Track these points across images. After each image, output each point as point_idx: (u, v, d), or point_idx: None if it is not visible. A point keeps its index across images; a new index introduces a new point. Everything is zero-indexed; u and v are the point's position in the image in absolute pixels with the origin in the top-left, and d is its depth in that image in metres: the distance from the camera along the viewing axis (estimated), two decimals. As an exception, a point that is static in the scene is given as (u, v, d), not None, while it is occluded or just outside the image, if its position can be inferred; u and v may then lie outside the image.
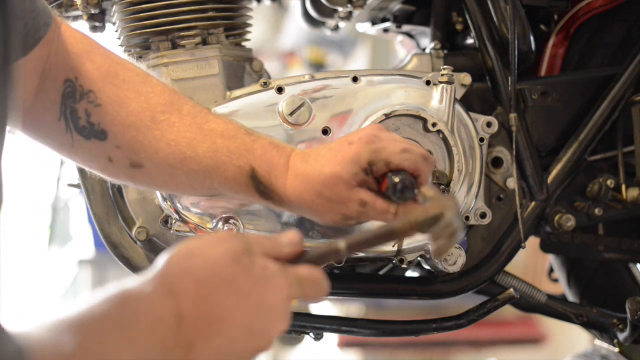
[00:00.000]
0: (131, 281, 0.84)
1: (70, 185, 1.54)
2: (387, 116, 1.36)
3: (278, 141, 1.19)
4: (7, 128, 0.73)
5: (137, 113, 1.16)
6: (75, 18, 1.51)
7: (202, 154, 1.15)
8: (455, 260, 1.36)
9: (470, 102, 1.47)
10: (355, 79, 1.39)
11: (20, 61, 1.09)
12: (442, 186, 1.36)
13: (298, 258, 0.91)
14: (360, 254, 1.37)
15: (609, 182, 1.50)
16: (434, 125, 1.36)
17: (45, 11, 1.11)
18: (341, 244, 0.91)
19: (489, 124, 1.43)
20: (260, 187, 1.15)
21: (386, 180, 1.10)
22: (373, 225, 0.98)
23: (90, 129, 1.15)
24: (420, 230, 0.92)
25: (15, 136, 1.20)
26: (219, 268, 0.85)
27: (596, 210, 1.52)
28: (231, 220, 1.33)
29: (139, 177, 1.19)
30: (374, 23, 1.75)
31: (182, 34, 1.42)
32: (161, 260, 0.87)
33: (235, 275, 0.85)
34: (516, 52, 1.45)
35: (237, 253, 0.87)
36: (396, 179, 1.08)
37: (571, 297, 1.71)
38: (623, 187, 1.51)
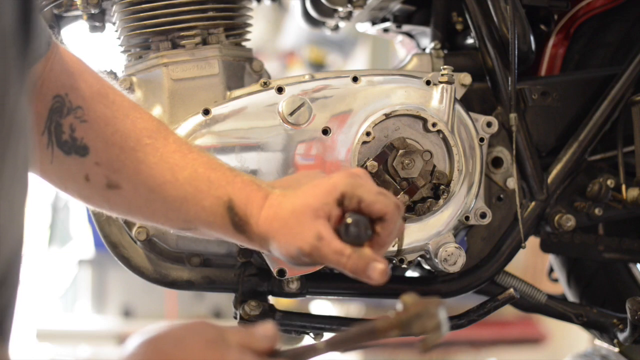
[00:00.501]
0: None
1: (70, 185, 1.53)
2: (387, 116, 1.36)
3: (261, 181, 1.17)
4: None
5: (122, 133, 1.15)
6: (75, 18, 1.51)
7: (182, 180, 1.14)
8: (455, 260, 1.36)
9: (470, 102, 1.47)
10: (355, 79, 1.39)
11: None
12: (442, 186, 1.37)
13: (275, 354, 0.88)
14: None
15: (609, 182, 1.50)
16: (434, 125, 1.36)
17: (46, 30, 1.11)
18: (320, 344, 0.90)
19: (489, 124, 1.43)
20: (235, 218, 1.12)
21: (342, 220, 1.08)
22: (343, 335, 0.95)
23: (72, 144, 1.14)
24: (402, 329, 0.91)
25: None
26: (192, 354, 0.82)
27: (596, 210, 1.52)
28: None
29: (114, 199, 1.17)
30: (374, 23, 1.75)
31: (182, 34, 1.42)
32: (131, 344, 0.83)
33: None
34: (516, 52, 1.45)
35: (211, 341, 0.83)
36: (349, 220, 1.06)
37: (571, 297, 1.71)
38: (623, 187, 1.51)
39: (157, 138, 1.16)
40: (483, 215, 1.42)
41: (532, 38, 1.50)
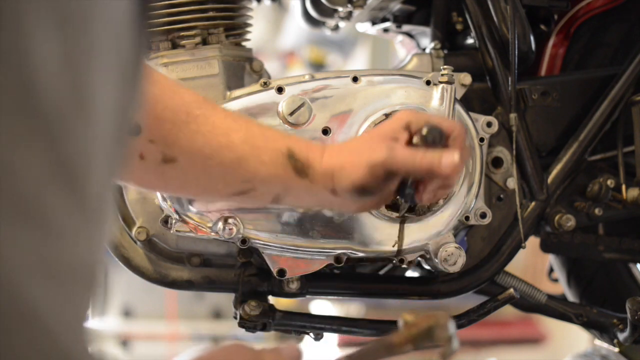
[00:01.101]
0: None
1: (70, 185, 1.53)
2: (387, 116, 1.36)
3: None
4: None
5: (172, 108, 1.16)
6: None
7: (238, 142, 1.16)
8: (455, 260, 1.36)
9: (470, 102, 1.47)
10: (355, 79, 1.39)
11: None
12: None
13: None
14: (361, 254, 1.37)
15: (609, 182, 1.50)
16: (434, 125, 1.36)
17: None
18: None
19: (489, 124, 1.43)
20: (297, 164, 1.15)
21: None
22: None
23: None
24: (416, 343, 0.92)
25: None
26: None
27: (596, 210, 1.52)
28: (231, 220, 1.33)
29: (170, 173, 1.18)
30: (374, 23, 1.75)
31: (182, 34, 1.42)
32: None
33: None
34: (516, 52, 1.45)
35: None
36: (425, 130, 1.11)
37: (571, 297, 1.71)
38: (623, 187, 1.51)
39: (206, 108, 1.18)
40: (483, 215, 1.42)
41: (532, 38, 1.50)
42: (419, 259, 1.40)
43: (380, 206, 1.28)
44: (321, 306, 3.54)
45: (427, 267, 1.46)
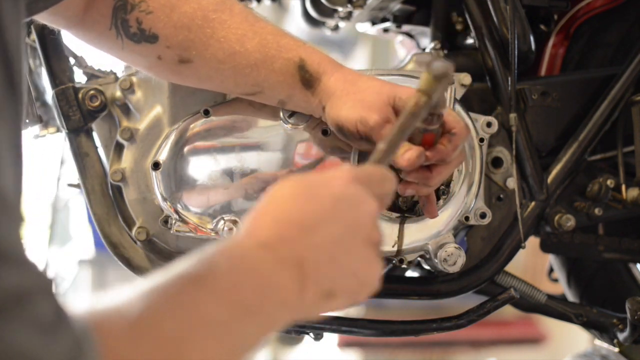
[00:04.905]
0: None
1: (70, 185, 1.53)
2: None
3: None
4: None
5: (188, 14, 1.18)
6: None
7: (252, 49, 1.19)
8: (455, 260, 1.36)
9: (470, 102, 1.47)
10: (355, 79, 1.39)
11: None
12: (442, 186, 1.36)
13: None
14: None
15: (609, 182, 1.50)
16: (434, 125, 1.36)
17: None
18: (380, 145, 0.88)
19: (489, 124, 1.43)
20: (306, 75, 1.19)
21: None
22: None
23: (142, 35, 1.19)
24: (427, 91, 0.89)
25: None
26: (337, 188, 0.80)
27: (596, 210, 1.52)
28: (231, 220, 1.33)
29: (185, 72, 1.22)
30: (374, 23, 1.75)
31: (182, 34, 1.42)
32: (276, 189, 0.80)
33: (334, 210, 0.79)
34: (516, 52, 1.44)
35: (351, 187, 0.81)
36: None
37: (571, 297, 1.71)
38: (623, 187, 1.51)
39: (223, 11, 1.20)
40: (483, 215, 1.42)
41: (532, 38, 1.50)
42: (418, 259, 1.40)
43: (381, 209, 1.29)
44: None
45: (427, 267, 1.46)
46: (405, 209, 1.36)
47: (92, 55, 1.38)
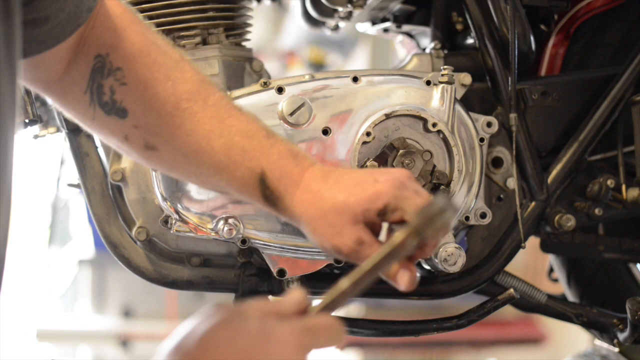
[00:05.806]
0: None
1: (70, 185, 1.54)
2: (388, 116, 1.36)
3: (299, 150, 1.16)
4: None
5: (161, 97, 1.14)
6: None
7: (217, 149, 1.14)
8: (455, 260, 1.36)
9: (470, 102, 1.47)
10: (355, 79, 1.39)
11: (54, 49, 1.09)
12: (442, 186, 1.36)
13: (305, 314, 0.87)
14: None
15: (609, 182, 1.50)
16: (434, 125, 1.36)
17: None
18: (344, 283, 0.88)
19: (489, 124, 1.43)
20: (267, 192, 1.13)
21: (385, 230, 1.07)
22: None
23: (112, 106, 1.15)
24: (418, 235, 0.90)
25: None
26: (211, 338, 0.80)
27: (596, 210, 1.52)
28: (231, 220, 1.33)
29: (152, 158, 1.19)
30: (374, 23, 1.75)
31: (182, 34, 1.42)
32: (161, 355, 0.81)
33: (231, 339, 0.80)
34: (516, 52, 1.45)
35: (228, 320, 0.81)
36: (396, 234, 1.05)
37: (571, 297, 1.71)
38: (623, 187, 1.51)
39: (196, 101, 1.15)
40: (483, 215, 1.42)
41: (532, 38, 1.50)
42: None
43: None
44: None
45: (427, 267, 1.46)
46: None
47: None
